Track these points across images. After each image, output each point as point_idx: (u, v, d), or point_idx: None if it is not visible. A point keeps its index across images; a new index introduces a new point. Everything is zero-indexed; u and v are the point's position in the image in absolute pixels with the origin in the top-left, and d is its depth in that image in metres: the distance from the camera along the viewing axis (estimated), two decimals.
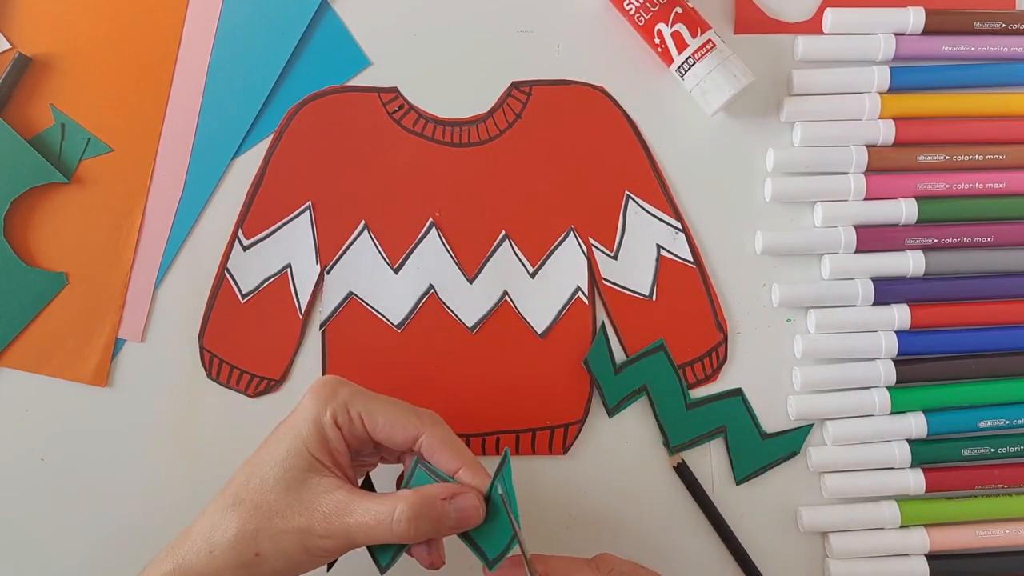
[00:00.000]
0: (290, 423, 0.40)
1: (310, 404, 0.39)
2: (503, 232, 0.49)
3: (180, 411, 0.48)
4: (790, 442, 0.49)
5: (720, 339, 0.49)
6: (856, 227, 0.49)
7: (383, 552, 0.40)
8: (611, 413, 0.49)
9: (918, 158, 0.49)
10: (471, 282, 0.49)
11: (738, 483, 0.48)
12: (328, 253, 0.49)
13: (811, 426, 0.49)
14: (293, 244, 0.49)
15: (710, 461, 0.49)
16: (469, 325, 0.49)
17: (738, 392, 0.49)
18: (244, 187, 0.49)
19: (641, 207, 0.50)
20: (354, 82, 0.50)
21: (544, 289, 0.49)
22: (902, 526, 0.48)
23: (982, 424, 0.48)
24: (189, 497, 0.48)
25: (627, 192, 0.50)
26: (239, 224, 0.49)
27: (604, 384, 0.48)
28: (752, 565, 0.48)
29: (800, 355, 0.49)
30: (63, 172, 0.48)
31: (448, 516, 0.38)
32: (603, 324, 0.49)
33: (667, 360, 0.49)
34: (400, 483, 0.42)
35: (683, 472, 0.48)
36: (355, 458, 0.41)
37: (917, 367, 0.49)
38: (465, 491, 0.39)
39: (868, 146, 0.49)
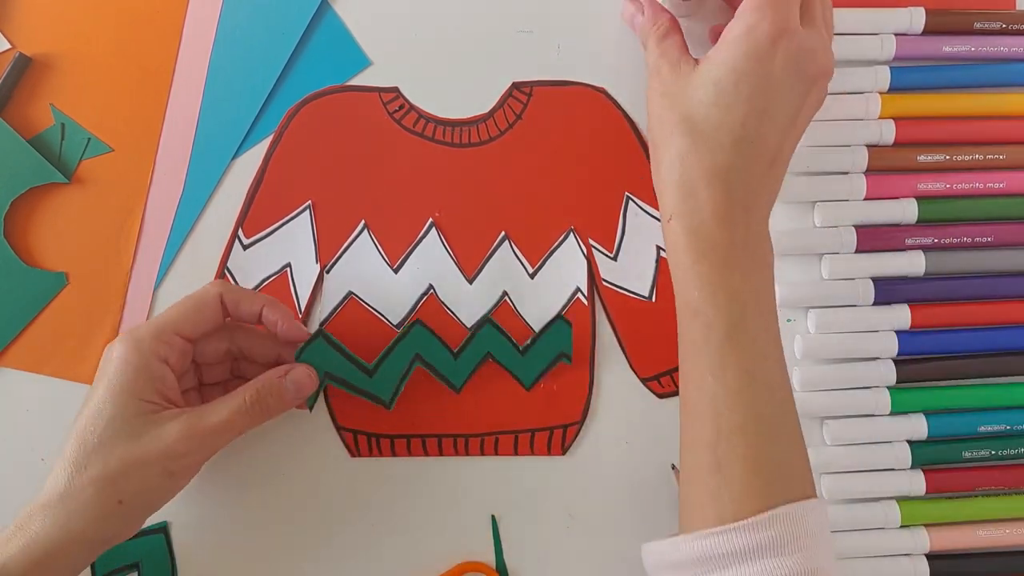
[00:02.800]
0: (109, 380, 0.41)
1: (123, 356, 0.41)
2: (503, 232, 0.49)
3: None
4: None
5: None
6: (856, 227, 0.49)
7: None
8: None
9: (918, 158, 0.49)
10: (471, 282, 0.49)
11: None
12: (328, 253, 0.49)
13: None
14: (293, 244, 0.49)
15: None
16: (468, 325, 0.49)
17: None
18: (244, 187, 0.49)
19: (641, 208, 0.50)
20: (354, 82, 0.50)
21: (544, 290, 0.49)
22: (902, 526, 0.48)
23: (983, 429, 0.48)
24: (188, 496, 0.48)
25: (627, 193, 0.50)
26: (239, 224, 0.49)
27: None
28: None
29: (800, 355, 0.49)
30: (63, 172, 0.48)
31: (287, 390, 0.44)
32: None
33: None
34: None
35: None
36: (182, 382, 0.44)
37: (917, 367, 0.49)
38: (295, 366, 0.44)
39: (868, 146, 0.49)
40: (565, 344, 0.48)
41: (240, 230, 0.49)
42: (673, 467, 0.49)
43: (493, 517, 0.48)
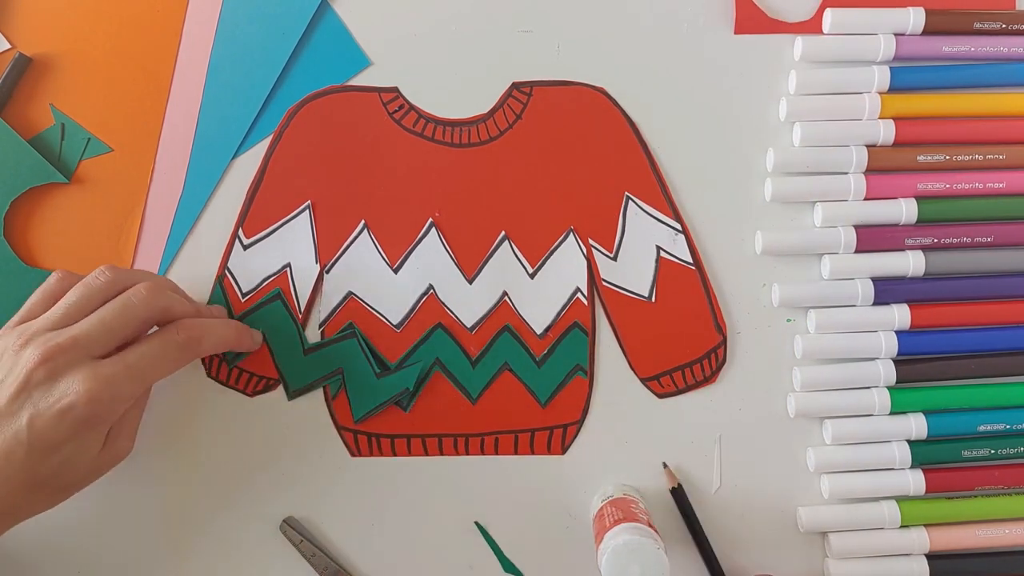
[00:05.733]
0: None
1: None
2: (503, 232, 0.49)
3: (179, 410, 0.48)
4: (402, 379, 0.48)
5: (719, 341, 0.49)
6: (856, 227, 0.49)
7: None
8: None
9: (918, 158, 0.49)
10: (471, 282, 0.49)
11: (357, 421, 0.48)
12: (328, 253, 0.49)
13: (421, 364, 0.48)
14: (293, 244, 0.49)
15: (713, 460, 0.49)
16: (468, 325, 0.49)
17: (352, 334, 0.48)
18: (244, 187, 0.49)
19: (641, 208, 0.50)
20: (354, 82, 0.50)
21: (543, 290, 0.49)
22: (902, 526, 0.48)
23: (982, 428, 0.48)
24: (188, 495, 0.48)
25: (627, 193, 0.50)
26: (239, 223, 0.49)
27: None
28: None
29: (800, 355, 0.49)
30: (63, 172, 0.48)
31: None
32: None
33: (283, 307, 0.48)
34: None
35: (678, 495, 0.48)
36: None
37: (917, 367, 0.49)
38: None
39: (868, 146, 0.49)
40: (581, 355, 0.48)
41: (240, 230, 0.49)
42: (665, 465, 0.49)
43: (477, 523, 0.49)
